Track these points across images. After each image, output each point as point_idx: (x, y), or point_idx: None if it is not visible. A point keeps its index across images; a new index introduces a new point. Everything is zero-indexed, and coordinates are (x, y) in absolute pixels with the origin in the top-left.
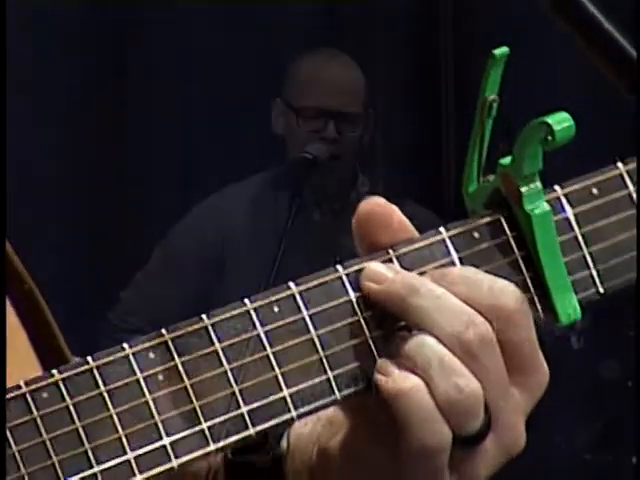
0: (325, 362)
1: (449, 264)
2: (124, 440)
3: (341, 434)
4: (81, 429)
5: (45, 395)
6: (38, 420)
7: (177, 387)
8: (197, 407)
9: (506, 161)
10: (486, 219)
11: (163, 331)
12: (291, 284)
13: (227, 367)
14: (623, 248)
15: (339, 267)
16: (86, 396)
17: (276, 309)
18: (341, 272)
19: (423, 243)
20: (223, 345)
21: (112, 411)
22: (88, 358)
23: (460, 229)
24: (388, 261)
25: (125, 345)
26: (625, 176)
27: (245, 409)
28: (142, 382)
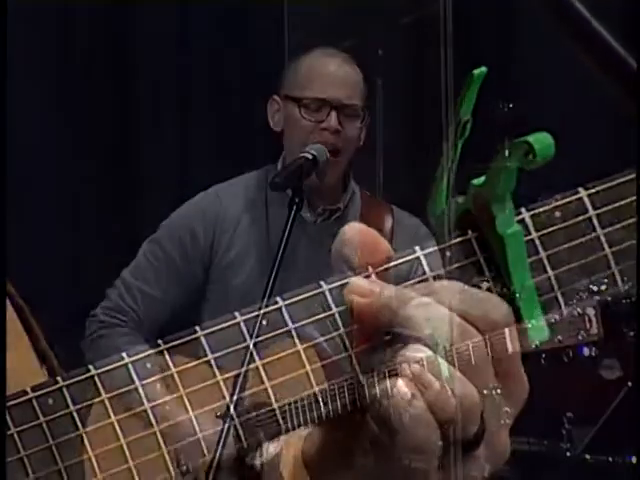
0: (311, 376)
1: (425, 281)
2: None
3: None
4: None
5: (50, 401)
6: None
7: (175, 395)
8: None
9: (478, 181)
10: (458, 239)
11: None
12: (278, 298)
13: (219, 376)
14: (585, 272)
15: (322, 283)
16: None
17: (264, 322)
18: (324, 287)
19: (400, 261)
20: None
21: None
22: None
23: (433, 248)
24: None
25: (124, 354)
26: (586, 200)
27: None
28: (140, 390)
